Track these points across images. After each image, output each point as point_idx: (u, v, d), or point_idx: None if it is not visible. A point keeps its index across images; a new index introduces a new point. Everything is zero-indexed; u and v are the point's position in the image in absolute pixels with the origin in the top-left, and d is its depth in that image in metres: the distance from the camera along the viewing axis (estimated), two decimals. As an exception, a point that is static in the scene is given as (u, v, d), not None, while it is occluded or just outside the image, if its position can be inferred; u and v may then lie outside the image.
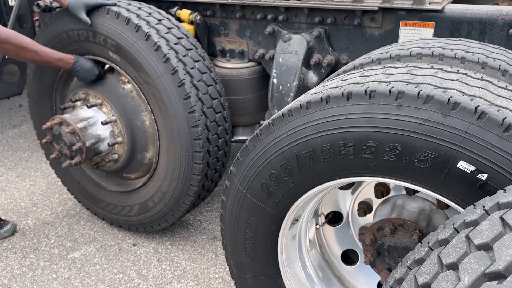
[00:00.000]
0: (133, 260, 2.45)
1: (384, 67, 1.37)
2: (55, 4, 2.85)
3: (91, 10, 2.11)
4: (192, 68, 2.11)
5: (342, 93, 1.21)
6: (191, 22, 2.39)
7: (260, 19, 2.28)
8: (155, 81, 2.06)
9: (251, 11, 2.31)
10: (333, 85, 1.32)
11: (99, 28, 2.10)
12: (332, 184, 1.33)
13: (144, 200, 2.39)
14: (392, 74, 1.26)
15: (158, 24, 2.12)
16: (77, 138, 2.13)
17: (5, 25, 3.46)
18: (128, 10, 2.11)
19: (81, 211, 2.88)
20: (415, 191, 1.55)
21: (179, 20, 2.38)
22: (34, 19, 3.24)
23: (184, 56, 2.10)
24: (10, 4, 3.35)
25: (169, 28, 2.15)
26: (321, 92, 1.29)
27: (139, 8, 2.17)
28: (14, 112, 4.53)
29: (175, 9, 2.40)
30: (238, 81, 2.42)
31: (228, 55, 2.46)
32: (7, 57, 3.21)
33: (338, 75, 1.66)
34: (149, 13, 2.16)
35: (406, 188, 1.55)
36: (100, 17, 2.10)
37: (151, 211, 2.37)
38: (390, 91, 1.15)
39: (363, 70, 1.39)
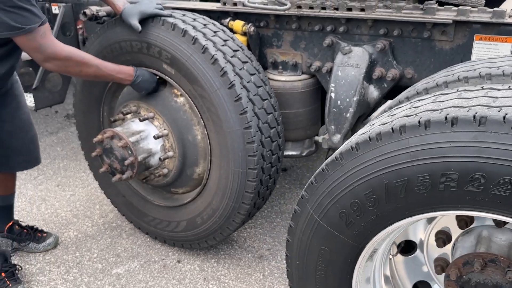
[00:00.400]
0: (179, 278, 2.37)
1: (483, 88, 1.24)
2: (101, 13, 2.82)
3: (146, 20, 2.05)
4: (248, 82, 2.02)
5: (445, 117, 1.10)
6: (244, 34, 2.31)
7: (317, 31, 2.18)
8: (210, 95, 1.98)
9: (308, 22, 2.21)
10: (428, 107, 1.20)
11: (154, 40, 2.04)
12: (424, 216, 1.21)
13: (192, 216, 2.30)
14: (497, 98, 1.14)
15: (214, 36, 2.05)
16: (129, 152, 2.07)
17: (48, 33, 3.46)
18: (184, 21, 2.04)
19: (123, 223, 2.82)
20: (505, 223, 1.41)
21: (231, 31, 2.30)
22: (77, 27, 3.22)
23: (240, 69, 2.02)
24: (54, 12, 3.34)
25: (225, 40, 2.07)
26: (416, 115, 1.18)
27: (194, 20, 2.10)
28: (50, 118, 4.55)
29: (227, 20, 2.33)
30: (291, 94, 2.33)
31: (280, 67, 2.37)
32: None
33: (417, 92, 1.54)
34: (205, 25, 2.09)
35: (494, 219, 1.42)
36: (155, 28, 2.04)
37: (199, 228, 2.29)
38: (504, 118, 1.03)
39: (458, 90, 1.27)
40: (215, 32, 2.08)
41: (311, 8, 2.13)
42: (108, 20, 2.93)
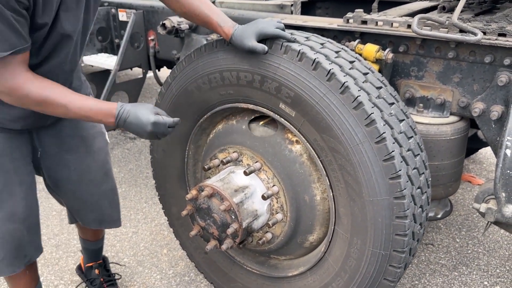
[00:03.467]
0: None
1: None
2: (183, 26, 2.36)
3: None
4: (399, 133, 1.49)
5: None
6: (376, 61, 1.78)
7: (486, 63, 1.62)
8: (348, 150, 1.46)
9: (470, 50, 1.65)
10: None
11: (272, 72, 1.53)
12: None
13: (298, 294, 1.80)
14: None
15: (352, 69, 1.52)
16: (233, 217, 1.58)
17: (112, 42, 3.05)
18: (312, 48, 1.52)
19: (197, 277, 2.36)
20: None
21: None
22: (148, 38, 2.78)
23: (388, 115, 1.48)
24: (121, 18, 2.92)
25: (364, 74, 1.54)
26: None
27: (323, 45, 1.57)
28: (104, 131, 4.17)
29: (355, 43, 1.80)
30: (436, 142, 1.78)
31: (420, 104, 1.82)
32: (116, 83, 2.79)
33: None
34: (337, 52, 1.57)
35: None
36: (274, 57, 1.53)
37: (308, 312, 1.78)
38: None
39: None
40: (351, 62, 1.56)
41: (483, 33, 1.57)
42: (187, 33, 2.48)
